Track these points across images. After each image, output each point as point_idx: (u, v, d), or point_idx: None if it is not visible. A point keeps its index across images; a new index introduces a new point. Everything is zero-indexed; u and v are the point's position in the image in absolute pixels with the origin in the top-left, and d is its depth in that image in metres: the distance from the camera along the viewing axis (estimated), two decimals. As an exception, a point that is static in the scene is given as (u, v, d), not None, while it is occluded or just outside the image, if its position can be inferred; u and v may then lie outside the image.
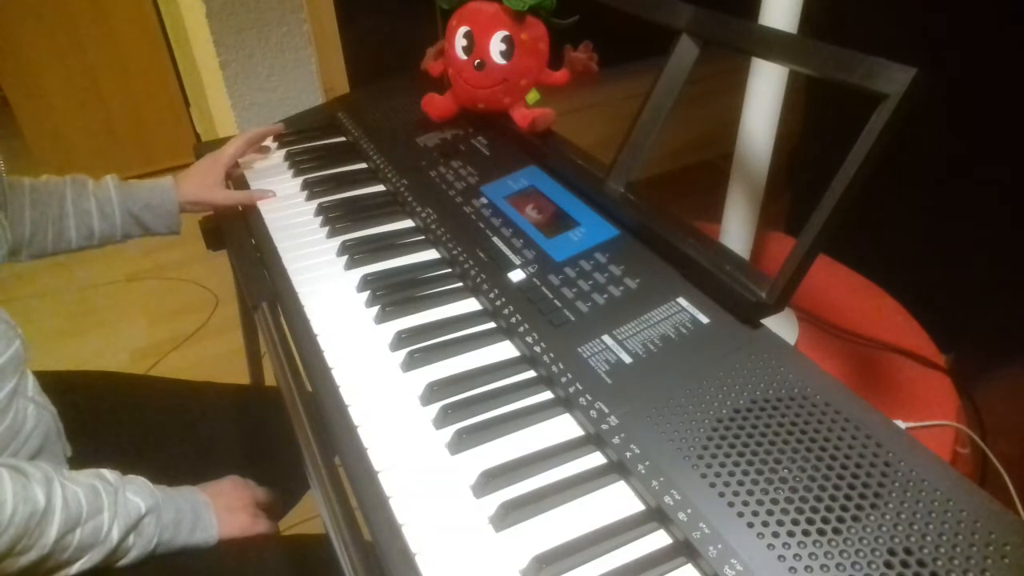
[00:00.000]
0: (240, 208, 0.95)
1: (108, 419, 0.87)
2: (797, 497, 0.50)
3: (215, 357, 1.88)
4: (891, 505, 0.48)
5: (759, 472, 0.52)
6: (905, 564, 0.45)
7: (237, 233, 0.92)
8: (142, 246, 2.29)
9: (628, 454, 0.55)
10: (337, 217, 0.89)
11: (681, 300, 0.67)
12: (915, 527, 0.47)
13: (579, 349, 0.65)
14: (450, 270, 0.80)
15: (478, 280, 0.76)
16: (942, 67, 0.73)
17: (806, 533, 0.48)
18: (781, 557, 0.47)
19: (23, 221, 0.84)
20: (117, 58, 2.46)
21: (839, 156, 0.57)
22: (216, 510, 0.75)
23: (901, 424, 0.76)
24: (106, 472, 0.68)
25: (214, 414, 0.94)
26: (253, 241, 0.89)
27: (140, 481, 0.71)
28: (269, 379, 1.01)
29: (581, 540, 0.51)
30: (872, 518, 0.48)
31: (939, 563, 0.45)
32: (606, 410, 0.59)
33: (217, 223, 0.98)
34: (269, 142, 1.09)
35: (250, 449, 0.91)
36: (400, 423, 0.61)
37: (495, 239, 0.80)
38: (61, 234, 0.87)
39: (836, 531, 0.48)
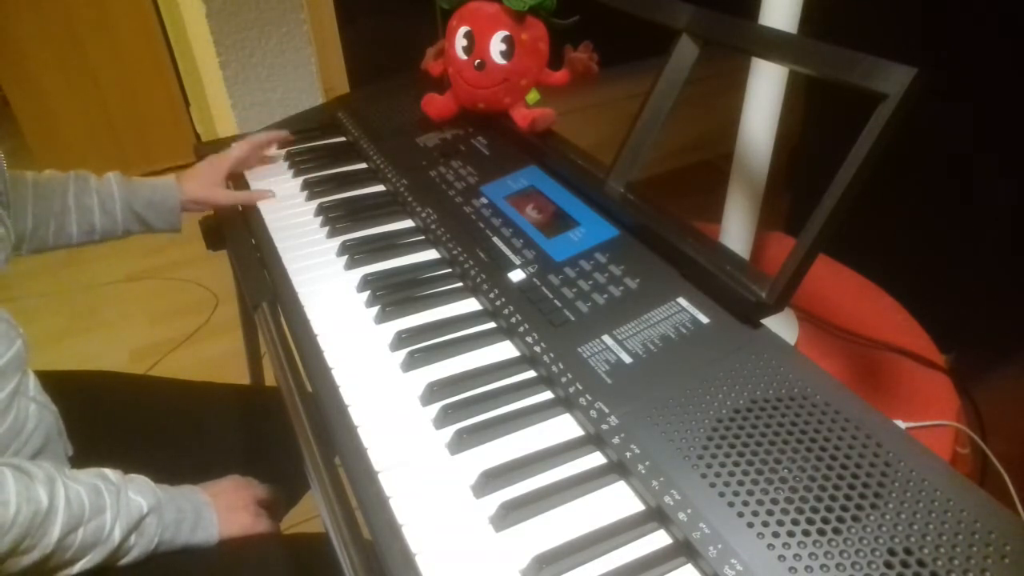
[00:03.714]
0: (240, 208, 0.96)
1: (109, 419, 0.88)
2: (797, 497, 0.50)
3: (215, 357, 1.88)
4: (891, 505, 0.48)
5: (759, 472, 0.52)
6: (905, 564, 0.45)
7: (237, 233, 0.92)
8: (142, 246, 2.29)
9: (628, 454, 0.55)
10: (337, 217, 0.89)
11: (681, 300, 0.67)
12: (915, 527, 0.47)
13: (579, 349, 0.65)
14: (450, 270, 0.80)
15: (478, 280, 0.76)
16: (942, 67, 0.73)
17: (806, 533, 0.48)
18: (781, 557, 0.47)
19: (26, 215, 0.84)
20: (117, 58, 2.46)
21: (839, 156, 0.58)
22: (217, 509, 0.75)
23: (901, 424, 0.76)
24: (108, 471, 0.68)
25: (214, 414, 0.94)
26: (253, 241, 0.89)
27: (142, 480, 0.71)
28: (269, 379, 1.01)
29: (581, 540, 0.51)
30: (872, 518, 0.48)
31: (939, 563, 0.45)
32: (606, 410, 0.59)
33: (217, 223, 0.98)
34: (273, 149, 1.08)
35: (250, 449, 0.91)
36: (400, 423, 0.61)
37: (495, 239, 0.80)
38: (62, 228, 0.88)
39: (836, 531, 0.48)
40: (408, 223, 0.90)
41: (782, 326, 1.05)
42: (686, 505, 0.51)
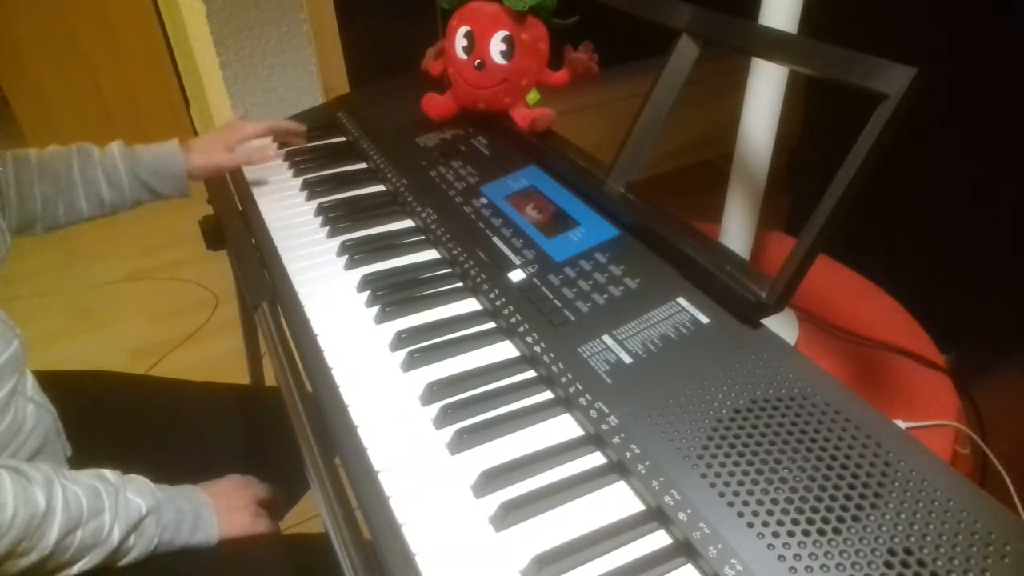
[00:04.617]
0: (242, 167, 0.97)
1: (108, 419, 0.88)
2: (797, 497, 0.50)
3: (215, 357, 1.88)
4: (891, 505, 0.48)
5: (759, 472, 0.52)
6: (905, 564, 0.45)
7: (237, 233, 0.92)
8: (142, 246, 2.29)
9: (628, 454, 0.55)
10: (337, 217, 0.89)
11: (681, 300, 0.67)
12: (915, 527, 0.47)
13: (579, 349, 0.65)
14: (450, 270, 0.80)
15: (478, 280, 0.76)
16: (942, 67, 0.73)
17: (806, 533, 0.48)
18: (781, 557, 0.47)
19: (34, 196, 0.84)
20: (117, 58, 2.46)
21: (839, 156, 0.57)
22: (217, 510, 0.75)
23: (901, 424, 0.76)
24: (107, 472, 0.68)
25: (214, 414, 0.94)
26: (253, 241, 0.89)
27: (141, 481, 0.71)
28: (269, 379, 1.01)
29: (581, 540, 0.51)
30: (872, 518, 0.48)
31: (939, 563, 0.45)
32: (606, 410, 0.59)
33: (217, 223, 0.98)
34: (274, 150, 1.08)
35: (250, 449, 0.91)
36: (400, 423, 0.61)
37: (495, 239, 0.80)
38: (72, 204, 0.87)
39: (836, 531, 0.48)
40: (408, 223, 0.89)
41: (782, 326, 1.05)
42: (686, 505, 0.51)
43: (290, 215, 0.92)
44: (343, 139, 1.10)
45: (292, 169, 1.03)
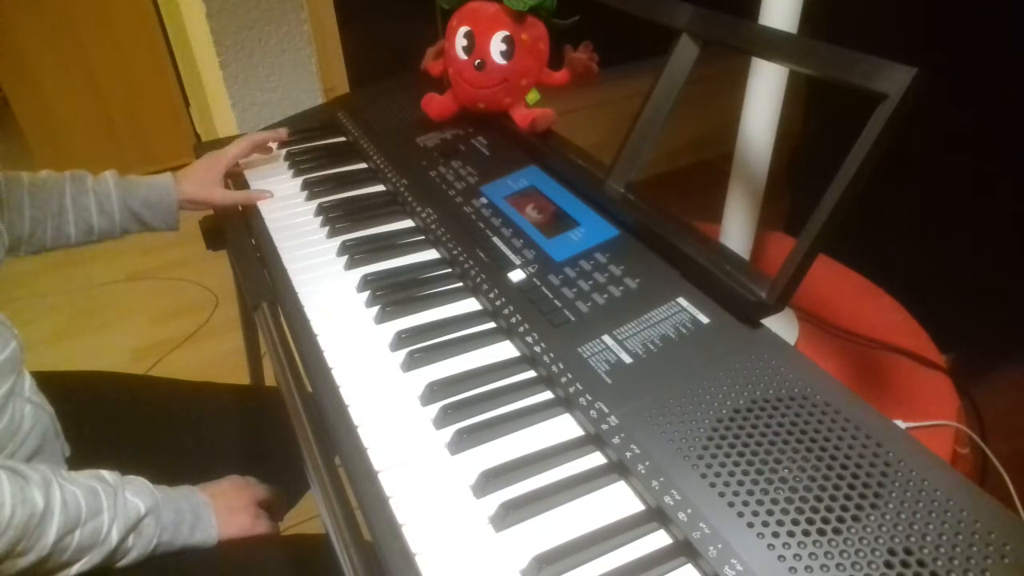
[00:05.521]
0: (240, 208, 0.95)
1: (107, 419, 0.87)
2: (797, 497, 0.50)
3: (215, 357, 1.88)
4: (891, 505, 0.48)
5: (759, 472, 0.52)
6: (905, 564, 0.45)
7: (237, 233, 0.92)
8: (142, 246, 2.29)
9: (628, 454, 0.55)
10: (337, 217, 0.89)
11: (681, 300, 0.67)
12: (915, 527, 0.47)
13: (579, 349, 0.65)
14: (450, 270, 0.80)
15: (478, 280, 0.76)
16: (942, 66, 0.73)
17: (806, 533, 0.48)
18: (781, 557, 0.47)
19: (23, 218, 0.84)
20: (117, 58, 2.46)
21: (839, 156, 0.57)
22: (217, 510, 0.75)
23: (901, 424, 0.76)
24: (105, 473, 0.68)
25: (214, 414, 0.94)
26: (253, 241, 0.89)
27: (140, 482, 0.71)
28: (269, 379, 1.01)
29: (581, 540, 0.51)
30: (872, 518, 0.48)
31: (939, 563, 0.45)
32: (606, 410, 0.59)
33: (217, 223, 0.98)
34: (272, 145, 1.08)
35: (250, 449, 0.91)
36: (400, 423, 0.61)
37: (495, 239, 0.80)
38: (60, 229, 0.87)
39: (836, 531, 0.48)
40: (408, 223, 0.89)
41: (782, 326, 1.05)
42: (686, 505, 0.51)
43: (290, 215, 0.92)
44: (343, 139, 1.10)
45: (292, 169, 1.03)
